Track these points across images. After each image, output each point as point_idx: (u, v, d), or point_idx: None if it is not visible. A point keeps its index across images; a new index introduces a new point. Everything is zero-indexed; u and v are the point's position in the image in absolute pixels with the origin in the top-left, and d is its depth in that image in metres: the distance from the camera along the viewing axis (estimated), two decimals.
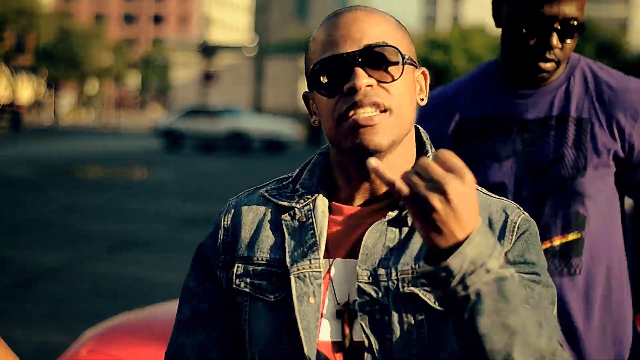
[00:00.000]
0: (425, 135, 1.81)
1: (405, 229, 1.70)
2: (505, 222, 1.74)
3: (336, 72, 1.66)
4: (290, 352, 1.67)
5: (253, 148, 34.96)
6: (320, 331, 1.68)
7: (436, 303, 1.65)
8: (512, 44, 2.60)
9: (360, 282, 1.67)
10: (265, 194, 1.79)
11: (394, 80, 1.66)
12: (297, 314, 1.66)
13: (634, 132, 2.62)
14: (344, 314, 1.68)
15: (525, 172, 2.63)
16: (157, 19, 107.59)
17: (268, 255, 1.73)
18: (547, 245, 2.61)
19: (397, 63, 1.67)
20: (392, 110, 1.66)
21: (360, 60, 1.64)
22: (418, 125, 1.81)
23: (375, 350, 1.65)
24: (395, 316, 1.66)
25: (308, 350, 1.65)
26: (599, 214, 2.65)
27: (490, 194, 1.80)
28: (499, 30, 2.64)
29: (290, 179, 1.81)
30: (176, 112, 38.80)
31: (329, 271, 1.70)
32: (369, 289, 1.67)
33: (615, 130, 2.62)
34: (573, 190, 2.61)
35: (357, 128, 1.64)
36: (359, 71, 1.64)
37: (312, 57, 1.72)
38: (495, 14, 2.66)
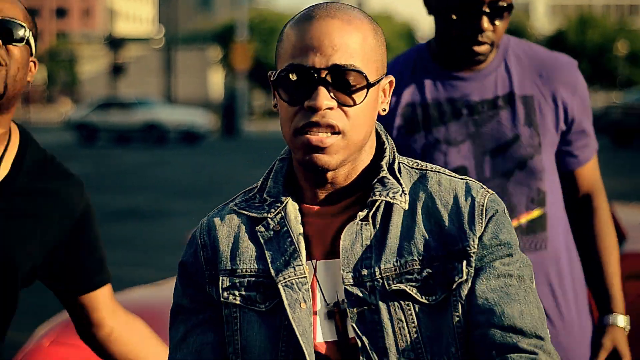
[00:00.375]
0: (383, 134, 1.84)
1: (377, 226, 1.74)
2: (473, 205, 1.77)
3: (301, 83, 1.68)
4: (287, 358, 1.72)
5: (168, 139, 34.68)
6: (316, 333, 1.73)
7: (424, 297, 1.71)
8: (444, 31, 2.62)
9: (347, 284, 1.71)
10: (235, 208, 1.81)
11: (355, 104, 1.69)
12: (292, 321, 1.70)
13: (574, 105, 2.70)
14: (335, 314, 1.73)
15: (483, 154, 2.67)
16: (60, 13, 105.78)
17: (251, 266, 1.77)
18: (515, 223, 2.66)
19: (361, 88, 1.68)
20: (345, 133, 1.68)
21: (326, 78, 1.66)
22: (377, 123, 1.83)
23: (369, 350, 1.69)
24: (384, 315, 1.70)
25: (309, 354, 1.70)
26: (553, 189, 2.73)
27: (454, 174, 1.84)
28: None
29: (256, 189, 1.83)
30: (87, 105, 38.27)
31: (315, 274, 1.75)
32: (355, 290, 1.71)
33: (560, 105, 2.70)
34: (533, 168, 2.67)
35: (309, 147, 1.68)
36: (322, 91, 1.65)
37: (282, 53, 1.73)
38: (426, 2, 2.68)
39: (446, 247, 1.74)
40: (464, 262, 1.73)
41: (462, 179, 1.82)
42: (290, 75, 1.68)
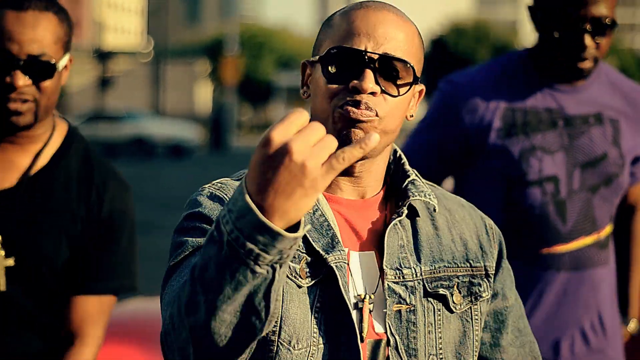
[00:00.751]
0: (401, 155, 1.85)
1: (409, 225, 1.77)
2: (485, 227, 1.87)
3: (348, 64, 1.68)
4: (326, 338, 1.67)
5: (156, 153, 34.62)
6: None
7: (453, 304, 1.76)
8: (548, 46, 2.69)
9: (389, 281, 1.71)
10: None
11: (398, 95, 1.70)
12: (347, 302, 1.67)
13: None
14: (362, 306, 1.70)
15: (574, 166, 2.74)
16: None
17: None
18: (595, 237, 2.75)
19: (407, 83, 1.70)
20: (382, 118, 1.68)
21: (375, 65, 1.67)
22: (397, 147, 1.85)
23: (400, 348, 1.70)
24: (420, 316, 1.72)
25: (365, 337, 1.68)
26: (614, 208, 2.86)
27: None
28: None
29: None
30: (75, 118, 38.20)
31: (348, 262, 1.72)
32: (398, 288, 1.71)
33: (635, 133, 2.82)
34: (617, 186, 2.77)
35: (348, 120, 1.67)
36: (370, 75, 1.66)
37: (329, 37, 1.73)
38: (533, 19, 2.75)
39: (469, 261, 1.79)
40: (487, 281, 1.80)
41: (459, 201, 1.90)
42: (341, 53, 1.68)
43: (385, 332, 1.71)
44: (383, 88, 1.68)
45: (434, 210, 1.80)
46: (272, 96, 57.10)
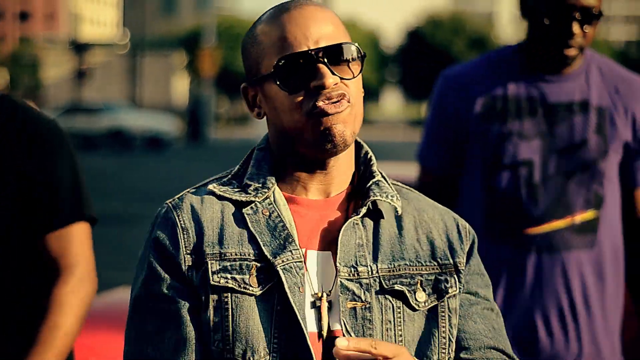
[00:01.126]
0: (371, 157, 1.85)
1: (370, 226, 1.77)
2: (458, 226, 1.85)
3: (300, 69, 1.70)
4: (280, 344, 1.69)
5: (134, 145, 34.54)
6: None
7: (415, 302, 1.74)
8: (537, 33, 2.83)
9: (342, 278, 1.71)
10: (215, 191, 1.77)
11: (354, 76, 1.73)
12: (293, 305, 1.68)
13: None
14: (320, 304, 1.71)
15: (551, 152, 2.86)
16: (23, 16, 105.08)
17: (241, 250, 1.73)
18: (569, 220, 2.85)
19: (355, 59, 1.74)
20: (353, 104, 1.72)
21: (325, 59, 1.70)
22: (368, 149, 1.86)
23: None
24: (376, 313, 1.71)
25: (309, 339, 1.68)
26: (612, 196, 2.92)
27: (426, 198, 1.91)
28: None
29: (230, 176, 1.81)
30: (52, 110, 38.02)
31: (305, 262, 1.73)
32: (352, 285, 1.71)
33: (630, 121, 2.91)
34: (596, 172, 2.86)
35: (326, 116, 1.69)
36: (325, 69, 1.69)
37: (265, 51, 1.74)
38: (522, 6, 2.89)
39: (436, 259, 1.78)
40: (455, 277, 1.79)
41: (433, 203, 1.89)
42: (289, 62, 1.71)
43: (341, 330, 1.70)
44: (340, 75, 1.71)
45: (396, 211, 1.80)
46: None
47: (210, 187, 1.78)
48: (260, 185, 1.76)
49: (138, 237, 12.61)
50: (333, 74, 1.70)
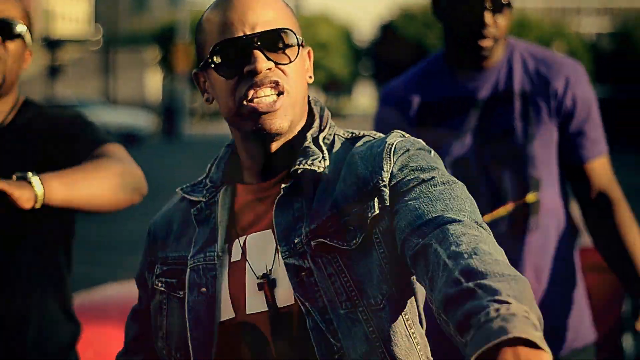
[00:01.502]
0: (317, 106, 1.90)
1: (305, 195, 1.79)
2: (383, 147, 1.79)
3: (235, 54, 1.74)
4: (194, 339, 1.79)
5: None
6: (247, 305, 1.77)
7: (345, 243, 1.74)
8: (452, 29, 2.95)
9: (284, 257, 1.76)
10: (181, 192, 1.90)
11: (290, 62, 1.77)
12: (185, 304, 1.79)
13: (568, 100, 2.98)
14: (265, 285, 1.76)
15: (483, 145, 2.97)
16: None
17: (178, 254, 1.85)
18: (510, 206, 2.96)
19: (292, 45, 1.77)
20: (289, 92, 1.76)
21: (259, 43, 1.73)
22: (310, 96, 1.90)
23: (312, 313, 1.73)
24: (317, 274, 1.74)
25: (192, 338, 1.78)
26: (550, 177, 3.00)
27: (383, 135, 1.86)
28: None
29: (205, 174, 1.91)
30: None
31: (244, 252, 1.80)
32: (292, 260, 1.75)
33: (553, 97, 2.98)
34: (527, 157, 2.95)
35: (259, 113, 1.74)
36: (259, 54, 1.72)
37: (207, 38, 1.79)
38: (436, 8, 3.01)
39: (360, 191, 1.76)
40: (376, 198, 1.75)
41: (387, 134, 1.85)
42: (224, 47, 1.75)
43: (297, 303, 1.75)
44: (275, 61, 1.75)
45: (324, 170, 1.80)
46: None
47: (178, 188, 1.91)
48: (212, 184, 1.86)
49: (117, 232, 12.67)
50: (268, 59, 1.73)
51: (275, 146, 1.80)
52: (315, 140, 1.83)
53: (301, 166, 1.79)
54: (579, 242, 4.39)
